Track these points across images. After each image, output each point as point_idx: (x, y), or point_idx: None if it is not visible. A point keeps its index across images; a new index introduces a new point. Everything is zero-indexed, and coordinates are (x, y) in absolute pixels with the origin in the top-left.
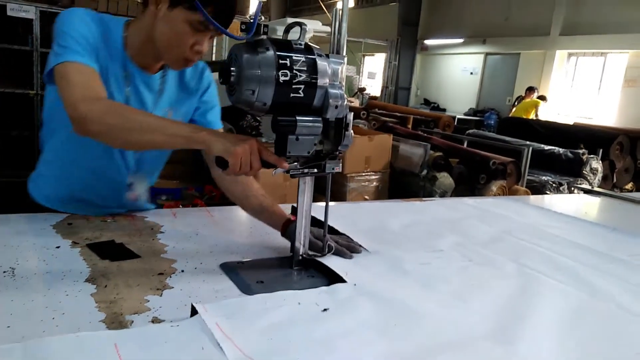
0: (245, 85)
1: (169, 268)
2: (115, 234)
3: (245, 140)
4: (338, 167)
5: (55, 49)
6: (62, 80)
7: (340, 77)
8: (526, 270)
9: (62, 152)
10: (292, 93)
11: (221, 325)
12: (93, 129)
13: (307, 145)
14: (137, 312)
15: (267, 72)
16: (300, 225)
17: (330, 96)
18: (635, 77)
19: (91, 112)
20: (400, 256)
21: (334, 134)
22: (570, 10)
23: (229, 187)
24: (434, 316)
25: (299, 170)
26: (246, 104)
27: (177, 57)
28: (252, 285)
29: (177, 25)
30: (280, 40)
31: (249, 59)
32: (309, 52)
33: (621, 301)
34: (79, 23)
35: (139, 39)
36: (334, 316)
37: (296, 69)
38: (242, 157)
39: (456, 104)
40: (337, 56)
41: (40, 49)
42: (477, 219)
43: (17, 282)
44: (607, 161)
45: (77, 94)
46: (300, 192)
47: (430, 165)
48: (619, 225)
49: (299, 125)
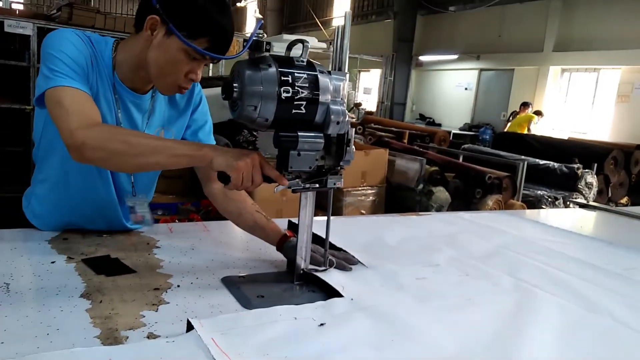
0: (248, 101)
1: (165, 283)
2: (110, 249)
3: (247, 155)
4: (340, 182)
5: (45, 73)
6: (56, 106)
7: (342, 94)
8: (522, 284)
9: (54, 174)
10: (293, 109)
11: (217, 341)
12: (93, 156)
13: (308, 160)
14: (133, 327)
15: (269, 89)
16: (302, 240)
17: (332, 112)
18: (628, 92)
19: (90, 139)
20: (396, 271)
21: (336, 149)
22: (563, 26)
23: (223, 204)
24: (431, 331)
25: (300, 185)
26: (248, 120)
27: (170, 85)
28: (253, 299)
29: (172, 54)
30: (282, 57)
31: (252, 76)
32: (311, 68)
33: (618, 315)
34: (69, 46)
35: (129, 61)
36: (330, 331)
37: (298, 85)
38: (244, 172)
39: (451, 119)
40: (339, 73)
41: (37, 64)
42: (473, 233)
43: (12, 297)
44: (601, 175)
45: (73, 120)
46: (302, 207)
47: (426, 179)
48: (615, 239)
49: (300, 141)
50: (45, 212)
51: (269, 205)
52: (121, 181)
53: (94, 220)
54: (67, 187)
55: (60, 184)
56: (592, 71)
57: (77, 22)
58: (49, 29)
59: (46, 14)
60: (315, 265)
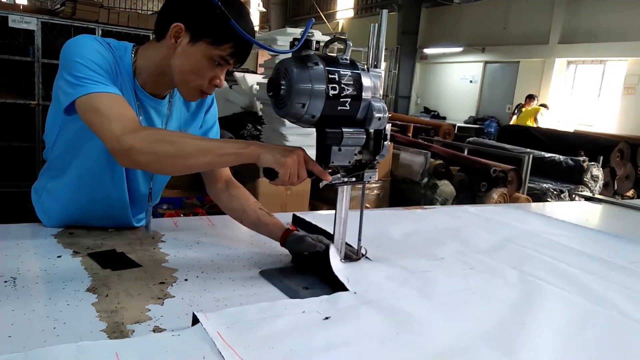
0: (296, 99)
1: (170, 277)
2: (116, 243)
3: (293, 151)
4: (375, 175)
5: (70, 80)
6: (93, 113)
7: (379, 90)
8: (528, 277)
9: (68, 176)
10: (339, 106)
11: (222, 334)
12: (141, 160)
13: (348, 155)
14: (138, 321)
15: (318, 86)
16: (339, 231)
17: (374, 109)
18: (634, 84)
19: (137, 143)
20: (401, 264)
21: (373, 144)
22: (569, 18)
23: (227, 203)
24: (436, 324)
25: (340, 179)
26: (295, 117)
27: (194, 91)
28: (299, 291)
29: (197, 60)
30: (327, 56)
31: (300, 74)
32: (354, 66)
33: (624, 308)
34: (93, 52)
35: (150, 68)
36: (335, 325)
37: (344, 83)
38: (291, 168)
39: (456, 112)
40: (376, 70)
41: (41, 59)
42: (478, 226)
43: (19, 291)
44: (607, 168)
45: (116, 127)
46: (339, 200)
47: (431, 173)
48: (621, 232)
49: (345, 136)
50: (56, 207)
51: (274, 200)
52: (139, 187)
53: (102, 220)
54: (80, 188)
55: (73, 185)
56: (598, 63)
57: (80, 17)
58: (52, 23)
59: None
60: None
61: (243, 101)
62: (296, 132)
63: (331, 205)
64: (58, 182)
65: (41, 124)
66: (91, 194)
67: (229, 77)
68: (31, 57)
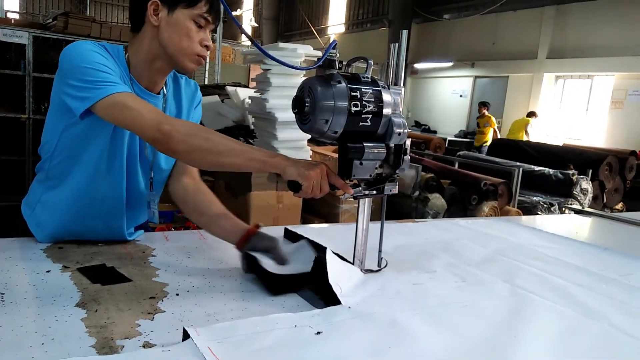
0: (320, 115)
1: (161, 291)
2: (106, 257)
3: (316, 165)
4: (395, 188)
5: (80, 86)
6: (123, 110)
7: (400, 107)
8: (519, 290)
9: (69, 183)
10: (361, 122)
11: (213, 349)
12: (178, 148)
13: (369, 169)
14: (128, 336)
15: (341, 103)
16: (360, 242)
17: (394, 125)
18: (622, 98)
19: (176, 132)
20: (393, 277)
21: (394, 158)
22: (557, 34)
23: (194, 196)
24: (428, 338)
25: (361, 192)
26: (318, 132)
27: (191, 55)
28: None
29: (182, 25)
30: (349, 74)
31: (324, 92)
32: (375, 84)
33: (614, 320)
34: (97, 56)
35: (141, 58)
36: (327, 339)
37: (365, 100)
38: (314, 181)
39: (447, 126)
40: (396, 87)
41: (32, 73)
42: (469, 239)
43: (7, 307)
44: (596, 181)
45: (152, 117)
46: (360, 212)
47: (422, 186)
48: (610, 245)
49: (366, 151)
50: (51, 219)
51: (265, 213)
52: (139, 185)
53: (96, 230)
54: (79, 195)
55: (73, 192)
56: (585, 78)
57: (72, 31)
58: (44, 38)
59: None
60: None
61: (235, 115)
62: (287, 146)
63: (323, 218)
64: (55, 192)
65: (32, 138)
66: (89, 200)
67: (221, 91)
68: (22, 71)
